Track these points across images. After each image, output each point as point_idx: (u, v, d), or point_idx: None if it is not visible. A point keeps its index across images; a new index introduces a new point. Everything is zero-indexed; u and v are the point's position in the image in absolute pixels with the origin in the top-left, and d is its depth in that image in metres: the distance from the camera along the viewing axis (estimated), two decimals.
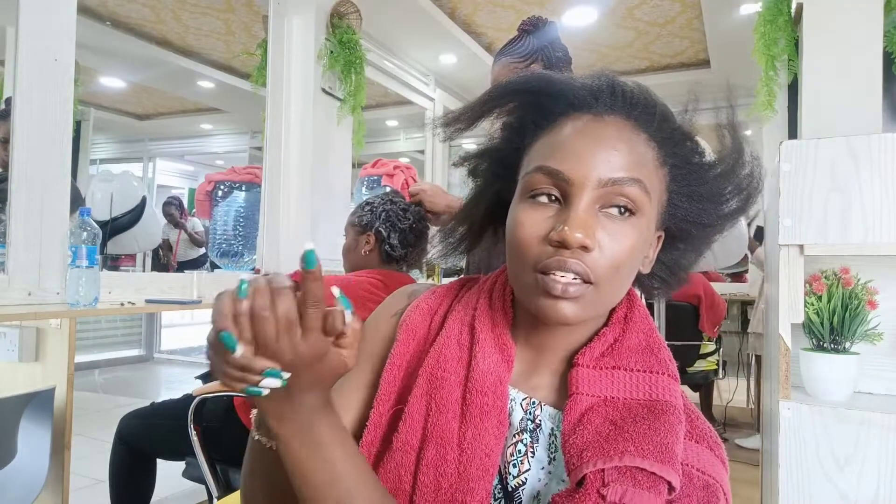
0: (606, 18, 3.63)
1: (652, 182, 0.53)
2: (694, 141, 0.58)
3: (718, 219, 0.59)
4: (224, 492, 1.47)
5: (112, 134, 6.15)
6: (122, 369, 5.24)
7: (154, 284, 2.11)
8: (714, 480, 0.52)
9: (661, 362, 0.56)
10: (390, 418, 0.58)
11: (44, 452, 1.29)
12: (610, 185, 0.51)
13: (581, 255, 0.50)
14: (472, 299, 0.62)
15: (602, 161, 0.51)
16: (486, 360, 0.57)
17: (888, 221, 1.22)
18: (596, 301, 0.53)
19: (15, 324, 1.50)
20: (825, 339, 1.29)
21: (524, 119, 0.59)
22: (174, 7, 3.48)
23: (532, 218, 0.53)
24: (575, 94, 0.55)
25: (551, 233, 0.51)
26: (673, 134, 0.56)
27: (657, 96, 0.58)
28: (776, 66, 2.40)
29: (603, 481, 0.47)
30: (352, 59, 2.91)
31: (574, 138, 0.53)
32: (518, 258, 0.54)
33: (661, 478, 0.47)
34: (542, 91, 0.57)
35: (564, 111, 0.56)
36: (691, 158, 0.57)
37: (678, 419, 0.51)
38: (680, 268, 0.64)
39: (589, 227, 0.50)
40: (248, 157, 5.81)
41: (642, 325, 0.59)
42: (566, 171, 0.52)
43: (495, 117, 0.62)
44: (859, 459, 1.20)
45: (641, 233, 0.53)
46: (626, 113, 0.55)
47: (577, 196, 0.51)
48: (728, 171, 0.58)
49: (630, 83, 0.57)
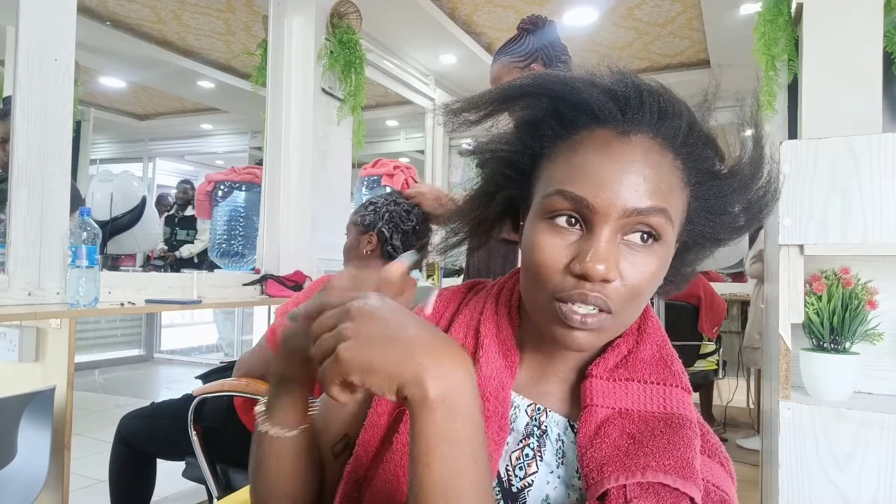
0: (606, 18, 3.63)
1: (675, 208, 0.51)
2: (715, 147, 0.55)
3: (734, 231, 0.58)
4: (224, 492, 1.47)
5: (112, 134, 6.16)
6: (122, 369, 5.24)
7: (154, 284, 2.11)
8: (728, 497, 0.52)
9: (675, 374, 0.55)
10: (390, 419, 0.58)
11: (44, 452, 1.29)
12: (635, 215, 0.49)
13: (602, 287, 0.49)
14: (478, 304, 0.62)
15: (628, 189, 0.49)
16: (488, 364, 0.57)
17: (888, 221, 1.22)
18: (613, 328, 0.52)
19: (15, 324, 1.50)
20: (825, 339, 1.29)
21: (541, 124, 0.55)
22: (174, 7, 3.48)
23: (552, 243, 0.51)
24: (600, 106, 0.51)
25: (573, 263, 0.50)
26: (697, 144, 0.53)
27: (680, 97, 0.54)
28: (776, 66, 2.40)
29: (626, 497, 0.47)
30: (352, 59, 2.91)
31: (599, 162, 0.50)
32: (537, 283, 0.52)
33: (684, 493, 0.47)
34: (563, 99, 0.53)
35: (587, 123, 0.52)
36: (713, 170, 0.55)
37: (694, 433, 0.51)
38: (688, 268, 0.63)
39: (612, 260, 0.49)
40: (248, 157, 5.82)
41: (655, 336, 0.58)
42: (590, 199, 0.49)
43: (510, 113, 0.59)
44: (859, 459, 1.20)
45: (662, 259, 0.52)
46: (654, 129, 0.51)
47: (601, 225, 0.49)
48: (747, 181, 0.56)
49: (654, 84, 0.53)
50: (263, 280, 2.51)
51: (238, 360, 1.56)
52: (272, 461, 0.56)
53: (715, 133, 0.55)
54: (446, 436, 0.41)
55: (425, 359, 0.41)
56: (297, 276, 2.58)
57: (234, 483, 1.49)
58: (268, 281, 2.50)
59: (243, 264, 2.71)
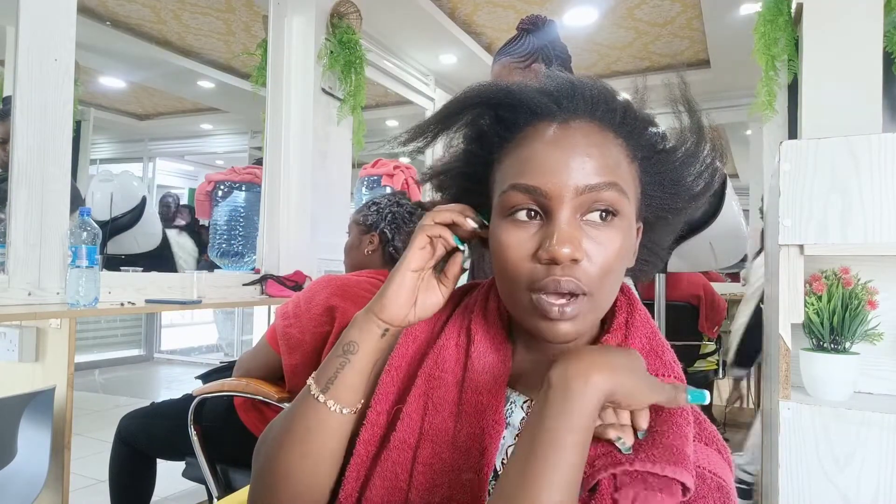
0: (606, 18, 3.63)
1: (626, 181, 0.54)
2: (655, 126, 0.58)
3: (690, 199, 0.60)
4: (224, 492, 1.47)
5: (112, 134, 6.15)
6: (122, 369, 5.23)
7: (154, 284, 2.11)
8: (725, 483, 0.52)
9: (667, 364, 0.56)
10: (389, 417, 0.59)
11: (44, 452, 1.29)
12: (587, 192, 0.51)
13: (572, 269, 0.51)
14: (471, 304, 0.64)
15: (576, 170, 0.51)
16: (481, 360, 0.59)
17: (888, 221, 1.22)
18: (592, 310, 0.53)
19: (15, 324, 1.50)
20: (825, 339, 1.29)
21: (488, 132, 0.58)
22: (174, 7, 3.48)
23: (517, 238, 0.53)
24: (536, 102, 0.55)
25: (539, 251, 0.52)
26: (636, 125, 0.56)
27: (613, 88, 0.57)
28: (776, 66, 2.40)
29: (615, 486, 0.48)
30: (352, 59, 2.91)
31: (544, 151, 0.53)
32: (509, 279, 0.54)
33: (674, 479, 0.47)
34: (501, 103, 0.56)
35: (528, 120, 0.55)
36: (657, 146, 0.58)
37: (685, 420, 0.51)
38: (660, 247, 0.65)
39: (575, 240, 0.51)
40: (248, 157, 5.81)
41: (644, 329, 0.59)
42: (542, 186, 0.52)
43: (455, 131, 0.62)
44: (859, 459, 1.20)
45: (624, 233, 0.54)
46: (590, 114, 0.54)
47: (558, 209, 0.52)
48: (692, 150, 0.58)
49: (585, 79, 0.57)
50: (263, 280, 2.51)
51: (238, 360, 1.56)
52: (320, 435, 0.56)
53: (652, 117, 0.58)
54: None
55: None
56: (297, 276, 2.58)
57: (234, 483, 1.49)
58: (268, 281, 2.50)
59: (243, 264, 2.71)
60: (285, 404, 1.31)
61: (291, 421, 0.58)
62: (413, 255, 0.57)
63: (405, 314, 0.58)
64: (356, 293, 1.45)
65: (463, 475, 0.54)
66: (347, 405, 0.57)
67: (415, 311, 0.58)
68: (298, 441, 0.57)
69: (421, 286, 0.58)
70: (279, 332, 1.41)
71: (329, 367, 0.57)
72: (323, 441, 0.56)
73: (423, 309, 0.59)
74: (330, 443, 0.57)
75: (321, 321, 1.40)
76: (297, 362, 1.39)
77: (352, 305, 1.41)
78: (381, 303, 0.57)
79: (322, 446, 0.56)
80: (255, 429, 1.49)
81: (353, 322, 0.59)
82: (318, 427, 0.56)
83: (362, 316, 0.58)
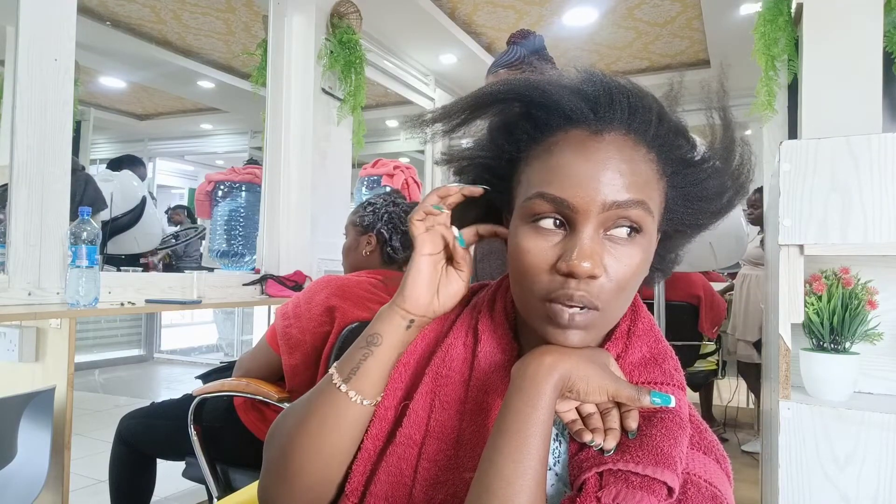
0: (606, 18, 3.63)
1: (653, 198, 0.53)
2: (687, 136, 0.56)
3: (713, 216, 0.59)
4: (224, 492, 1.47)
5: (112, 134, 6.15)
6: (122, 369, 5.23)
7: (154, 284, 2.11)
8: (720, 493, 0.52)
9: (666, 373, 0.56)
10: (396, 413, 0.59)
11: (44, 452, 1.29)
12: (614, 209, 0.50)
13: (588, 284, 0.50)
14: (479, 303, 0.64)
15: (605, 185, 0.50)
16: (487, 359, 0.59)
17: (888, 221, 1.22)
18: (603, 323, 0.53)
19: (15, 324, 1.50)
20: (825, 339, 1.29)
21: (516, 129, 0.56)
22: (174, 7, 3.48)
23: (538, 245, 0.52)
24: (571, 107, 0.52)
25: (559, 262, 0.51)
26: (669, 137, 0.55)
27: (649, 92, 0.56)
28: (776, 66, 2.40)
29: (600, 485, 0.49)
30: (352, 59, 2.91)
31: (575, 162, 0.51)
32: (525, 287, 0.53)
33: (657, 480, 0.48)
34: (534, 102, 0.54)
35: (561, 125, 0.53)
36: (686, 158, 0.56)
37: (678, 424, 0.52)
38: (671, 254, 0.64)
39: (596, 255, 0.50)
40: (248, 157, 5.81)
41: (647, 337, 0.58)
42: (570, 199, 0.50)
43: (483, 119, 0.60)
44: (859, 459, 1.20)
45: (645, 250, 0.53)
46: (626, 125, 0.52)
47: (583, 223, 0.51)
48: (720, 165, 0.57)
49: (622, 81, 0.55)
50: (263, 280, 2.51)
51: (238, 360, 1.56)
52: (338, 426, 0.57)
53: (684, 122, 0.56)
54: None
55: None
56: (297, 276, 2.58)
57: (234, 483, 1.49)
58: (268, 281, 2.50)
59: (243, 264, 2.71)
60: (285, 404, 1.31)
61: (309, 410, 0.58)
62: (420, 241, 0.59)
63: (428, 301, 0.59)
64: (356, 293, 1.45)
65: (466, 473, 0.54)
66: (368, 397, 0.57)
67: (438, 300, 0.60)
68: (315, 432, 0.57)
69: (441, 278, 0.60)
70: (279, 333, 1.41)
71: (352, 358, 0.58)
72: (340, 433, 0.57)
73: (447, 298, 0.60)
74: (346, 435, 0.57)
75: (321, 321, 1.40)
76: (297, 362, 1.39)
77: (351, 305, 1.41)
78: (403, 294, 0.59)
79: (339, 438, 0.57)
80: (255, 429, 1.49)
81: (378, 316, 0.60)
82: (337, 418, 0.57)
83: (387, 309, 0.59)
